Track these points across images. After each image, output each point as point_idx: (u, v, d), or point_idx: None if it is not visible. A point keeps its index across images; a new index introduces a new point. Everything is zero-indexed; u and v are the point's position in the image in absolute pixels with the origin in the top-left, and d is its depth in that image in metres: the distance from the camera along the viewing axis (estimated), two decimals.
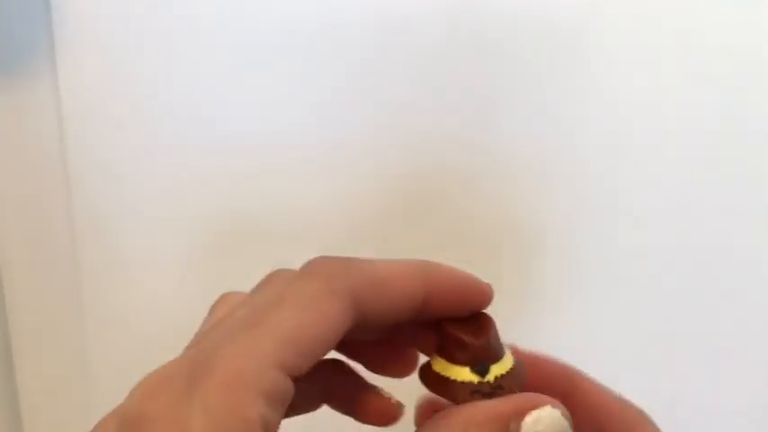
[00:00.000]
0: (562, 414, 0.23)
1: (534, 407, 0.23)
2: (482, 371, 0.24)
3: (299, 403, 0.28)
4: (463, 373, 0.24)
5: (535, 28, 0.49)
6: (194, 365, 0.21)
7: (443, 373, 0.24)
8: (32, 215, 0.53)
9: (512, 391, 0.24)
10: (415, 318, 0.25)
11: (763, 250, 0.53)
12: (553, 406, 0.23)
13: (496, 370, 0.24)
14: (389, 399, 0.28)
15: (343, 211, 0.52)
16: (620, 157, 0.52)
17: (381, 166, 0.52)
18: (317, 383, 0.28)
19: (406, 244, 0.52)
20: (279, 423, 0.22)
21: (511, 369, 0.24)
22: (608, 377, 0.26)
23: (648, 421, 0.26)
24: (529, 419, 0.22)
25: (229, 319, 0.23)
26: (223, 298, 0.25)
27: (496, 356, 0.24)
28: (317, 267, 0.23)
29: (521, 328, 0.25)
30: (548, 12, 0.49)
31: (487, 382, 0.24)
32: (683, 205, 0.52)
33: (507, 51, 0.50)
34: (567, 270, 0.53)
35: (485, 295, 0.26)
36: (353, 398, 0.28)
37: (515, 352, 0.26)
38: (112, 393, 0.22)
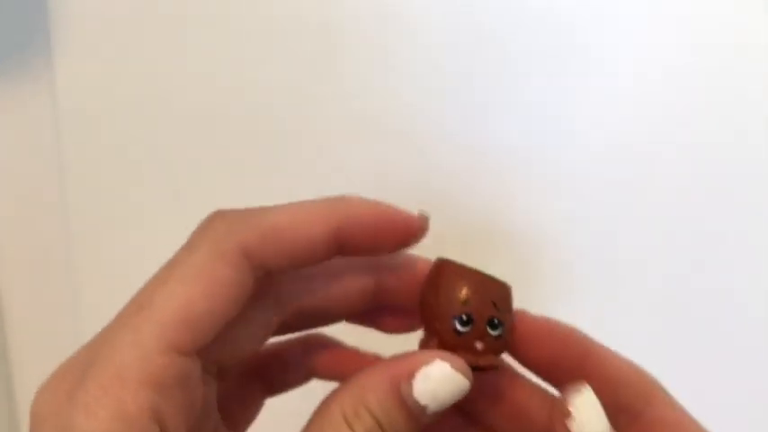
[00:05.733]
0: (453, 367, 0.22)
1: (422, 363, 0.22)
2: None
3: (283, 381, 0.28)
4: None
5: (535, 28, 0.49)
6: (85, 359, 0.21)
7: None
8: (31, 215, 0.53)
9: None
10: (337, 254, 0.24)
11: (765, 250, 0.53)
12: (443, 359, 0.22)
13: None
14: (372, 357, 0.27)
15: None
16: (621, 157, 0.51)
17: (381, 165, 0.52)
18: (299, 361, 0.28)
19: None
20: (188, 403, 0.21)
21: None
22: None
23: (661, 388, 0.26)
24: (419, 378, 0.21)
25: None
26: (216, 216, 0.23)
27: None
28: (207, 230, 0.23)
29: None
30: (548, 12, 0.49)
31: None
32: (684, 204, 0.52)
33: (508, 51, 0.50)
34: (566, 270, 0.53)
35: (412, 227, 0.24)
36: (338, 369, 0.28)
37: (521, 315, 0.25)
38: None
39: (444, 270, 0.24)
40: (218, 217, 0.23)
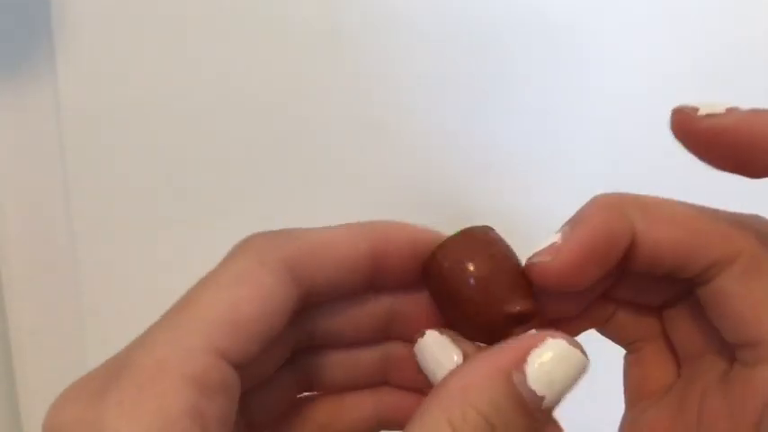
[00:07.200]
0: (568, 342, 0.19)
1: (532, 346, 0.19)
2: None
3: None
4: None
5: (534, 27, 0.49)
6: (111, 366, 0.19)
7: None
8: (32, 215, 0.53)
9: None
10: (371, 280, 0.23)
11: None
12: (554, 337, 0.19)
13: None
14: None
15: (342, 211, 0.52)
16: (621, 157, 0.52)
17: (381, 165, 0.52)
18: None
19: None
20: (226, 415, 0.19)
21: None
22: (608, 377, 0.26)
23: (746, 254, 0.22)
24: (532, 362, 0.19)
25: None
26: (254, 235, 0.22)
27: None
28: (248, 244, 0.21)
29: None
30: (546, 11, 0.49)
31: None
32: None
33: (506, 51, 0.50)
34: None
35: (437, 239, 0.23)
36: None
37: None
38: None
39: (449, 294, 0.23)
40: (257, 235, 0.22)
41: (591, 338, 0.26)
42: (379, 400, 0.25)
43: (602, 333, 0.26)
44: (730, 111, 0.21)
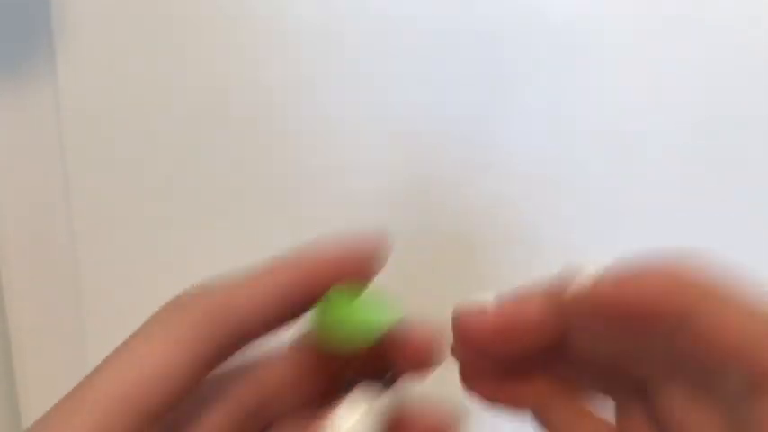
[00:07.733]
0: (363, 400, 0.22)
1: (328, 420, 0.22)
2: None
3: None
4: None
5: (534, 27, 0.49)
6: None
7: None
8: (32, 215, 0.53)
9: None
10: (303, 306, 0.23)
11: (764, 250, 0.53)
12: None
13: None
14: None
15: (342, 210, 0.52)
16: (621, 157, 0.52)
17: (380, 164, 0.52)
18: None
19: (404, 244, 0.52)
20: None
21: None
22: None
23: (713, 296, 0.20)
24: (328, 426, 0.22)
25: None
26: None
27: None
28: (169, 306, 0.23)
29: None
30: (546, 11, 0.49)
31: None
32: (684, 205, 0.52)
33: (507, 51, 0.50)
34: None
35: (367, 259, 0.23)
36: None
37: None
38: None
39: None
40: (180, 296, 0.23)
41: None
42: None
43: (534, 421, 0.23)
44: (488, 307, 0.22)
